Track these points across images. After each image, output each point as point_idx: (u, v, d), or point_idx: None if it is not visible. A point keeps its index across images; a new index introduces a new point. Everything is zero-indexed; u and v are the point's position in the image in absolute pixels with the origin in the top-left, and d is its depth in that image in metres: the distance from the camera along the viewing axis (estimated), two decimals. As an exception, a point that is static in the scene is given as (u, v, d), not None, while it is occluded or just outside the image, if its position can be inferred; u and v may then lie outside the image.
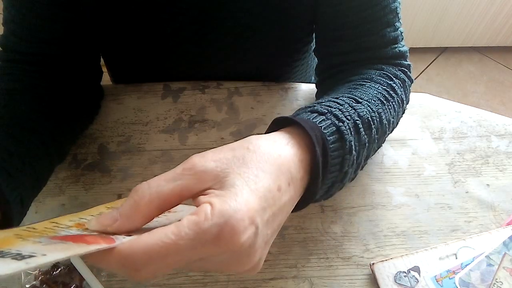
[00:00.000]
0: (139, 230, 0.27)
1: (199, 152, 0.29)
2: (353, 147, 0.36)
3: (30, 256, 0.22)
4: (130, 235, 0.27)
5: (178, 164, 0.28)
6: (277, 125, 0.35)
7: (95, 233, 0.27)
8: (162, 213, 0.27)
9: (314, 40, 0.59)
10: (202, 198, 0.27)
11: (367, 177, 0.53)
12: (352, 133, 0.37)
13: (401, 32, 0.50)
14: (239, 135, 0.57)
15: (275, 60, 0.63)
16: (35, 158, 0.43)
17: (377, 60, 0.49)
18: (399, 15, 0.49)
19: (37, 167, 0.43)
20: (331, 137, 0.34)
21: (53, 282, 0.44)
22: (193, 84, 0.63)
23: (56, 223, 0.29)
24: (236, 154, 0.29)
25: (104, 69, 0.64)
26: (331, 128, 0.35)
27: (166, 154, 0.55)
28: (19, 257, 0.22)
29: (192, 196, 0.28)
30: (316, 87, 0.57)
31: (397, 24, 0.49)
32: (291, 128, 0.34)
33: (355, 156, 0.37)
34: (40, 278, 0.44)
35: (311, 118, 0.35)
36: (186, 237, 0.24)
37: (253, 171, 0.28)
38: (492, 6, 1.60)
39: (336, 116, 0.36)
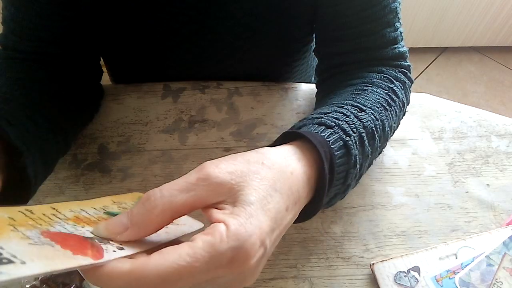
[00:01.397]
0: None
1: (199, 152, 0.29)
2: (358, 161, 0.36)
3: (9, 262, 0.21)
4: (121, 247, 0.26)
5: (178, 164, 0.28)
6: (286, 138, 0.35)
7: (88, 236, 0.26)
8: (172, 221, 0.27)
9: (314, 40, 0.59)
10: (215, 214, 0.26)
11: (367, 177, 0.53)
12: (358, 146, 0.37)
13: (401, 33, 0.50)
14: (239, 135, 0.57)
15: (275, 60, 0.63)
16: (46, 142, 0.43)
17: (377, 61, 0.49)
18: (399, 15, 0.49)
19: (47, 151, 0.43)
20: (338, 152, 0.34)
21: (53, 282, 0.44)
22: (193, 84, 0.63)
23: (56, 210, 0.28)
24: (251, 168, 0.29)
25: (104, 69, 0.64)
26: (338, 143, 0.35)
27: (166, 154, 0.55)
28: None
29: (203, 207, 0.27)
30: (316, 87, 0.57)
31: (397, 24, 0.49)
32: (300, 142, 0.34)
33: (358, 169, 0.37)
34: (40, 278, 0.44)
35: (319, 132, 0.35)
36: (202, 259, 0.24)
37: (267, 189, 0.28)
38: (492, 6, 1.60)
39: (343, 130, 0.36)
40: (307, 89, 0.62)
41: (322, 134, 0.35)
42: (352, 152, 0.35)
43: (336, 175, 0.34)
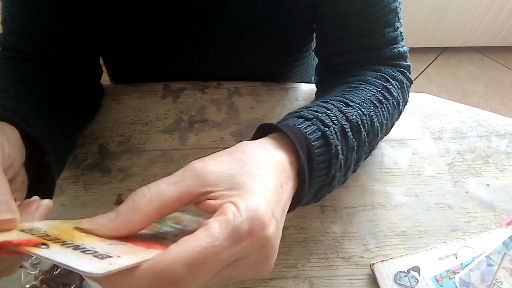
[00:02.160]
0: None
1: (199, 152, 0.29)
2: (340, 151, 0.37)
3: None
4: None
5: (178, 164, 0.28)
6: (262, 132, 0.36)
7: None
8: (162, 217, 0.26)
9: (314, 40, 0.59)
10: (214, 202, 0.26)
11: (367, 177, 0.54)
12: (339, 137, 0.37)
13: (401, 32, 0.50)
14: (239, 135, 0.57)
15: (275, 60, 0.63)
16: (58, 142, 0.43)
17: (376, 61, 0.49)
18: (399, 15, 0.49)
19: (60, 151, 0.43)
20: (316, 142, 0.35)
21: (53, 282, 0.44)
22: (193, 84, 0.63)
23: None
24: (234, 157, 0.29)
25: (104, 69, 0.64)
26: (316, 134, 0.36)
27: (166, 154, 0.55)
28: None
29: (193, 200, 0.27)
30: (316, 86, 0.57)
31: (397, 24, 0.49)
32: (276, 134, 0.34)
33: (342, 160, 0.38)
34: (40, 278, 0.44)
35: (296, 124, 0.36)
36: (221, 237, 0.23)
37: (256, 170, 0.28)
38: (492, 6, 1.60)
39: (321, 121, 0.37)
40: (307, 89, 0.62)
41: (299, 126, 0.36)
42: (332, 142, 0.36)
43: (317, 165, 0.35)
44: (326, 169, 0.36)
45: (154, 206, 0.25)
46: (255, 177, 0.28)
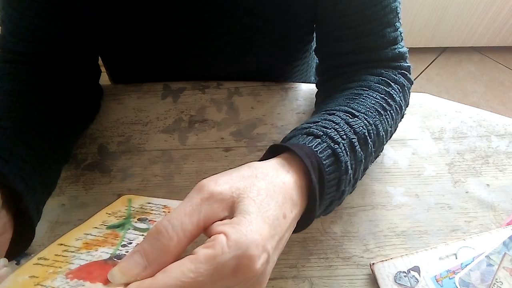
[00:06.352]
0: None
1: (199, 152, 0.29)
2: (349, 167, 0.37)
3: None
4: None
5: (178, 164, 0.28)
6: (274, 151, 0.36)
7: (103, 258, 0.27)
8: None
9: (314, 40, 0.59)
10: (215, 227, 0.27)
11: (367, 177, 0.53)
12: (348, 152, 0.38)
13: (401, 33, 0.50)
14: (239, 135, 0.57)
15: (275, 59, 0.63)
16: (46, 164, 0.43)
17: (376, 63, 0.49)
18: (399, 15, 0.49)
19: (48, 173, 0.43)
20: (326, 161, 0.35)
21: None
22: (193, 84, 0.63)
23: (64, 245, 0.29)
24: (247, 182, 0.30)
25: (102, 69, 0.64)
26: (326, 152, 0.36)
27: (166, 154, 0.55)
28: None
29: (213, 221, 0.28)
30: (316, 87, 0.57)
31: (397, 24, 0.49)
32: (287, 155, 0.35)
33: (351, 175, 0.38)
34: None
35: (306, 143, 0.36)
36: (205, 273, 0.24)
37: (265, 198, 0.29)
38: (492, 6, 1.60)
39: (331, 138, 0.37)
40: (307, 89, 0.62)
41: (309, 145, 0.36)
42: (342, 159, 0.36)
43: (328, 183, 0.35)
44: (336, 185, 0.37)
45: (184, 245, 0.26)
46: (261, 205, 0.28)
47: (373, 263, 0.46)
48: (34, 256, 0.27)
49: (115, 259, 0.27)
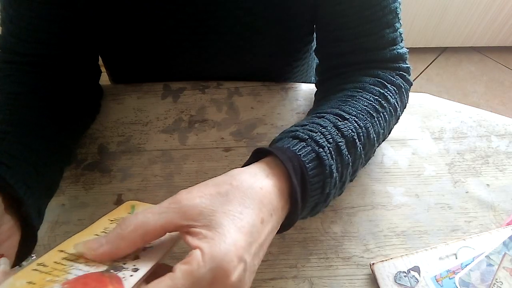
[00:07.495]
0: (142, 257, 0.29)
1: (199, 152, 0.30)
2: (334, 170, 0.37)
3: None
4: (135, 266, 0.28)
5: (178, 164, 0.29)
6: (257, 155, 0.37)
7: (101, 269, 0.28)
8: (147, 243, 0.29)
9: (314, 40, 0.59)
10: (191, 241, 0.28)
11: (367, 177, 0.53)
12: (334, 156, 0.38)
13: (401, 33, 0.49)
14: (239, 135, 0.57)
15: (275, 60, 0.63)
16: (48, 166, 0.43)
17: (375, 63, 0.49)
18: (399, 16, 0.49)
19: (50, 175, 0.43)
20: (310, 164, 0.36)
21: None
22: (193, 84, 0.63)
23: (64, 252, 0.29)
24: (220, 190, 0.31)
25: (102, 69, 0.64)
26: (310, 155, 0.36)
27: (166, 154, 0.55)
28: None
29: (175, 229, 0.29)
30: (315, 86, 0.57)
31: (397, 24, 0.49)
32: (270, 158, 0.35)
33: (337, 178, 0.38)
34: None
35: (291, 146, 0.37)
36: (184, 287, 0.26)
37: (237, 208, 0.30)
38: (492, 6, 1.60)
39: (316, 141, 0.37)
40: (307, 89, 0.62)
41: (293, 148, 0.36)
42: (326, 163, 0.37)
43: (311, 186, 0.36)
44: (320, 188, 0.37)
45: (138, 234, 0.28)
46: (234, 217, 0.29)
47: (373, 263, 0.46)
48: (34, 261, 0.28)
49: (112, 271, 0.28)
